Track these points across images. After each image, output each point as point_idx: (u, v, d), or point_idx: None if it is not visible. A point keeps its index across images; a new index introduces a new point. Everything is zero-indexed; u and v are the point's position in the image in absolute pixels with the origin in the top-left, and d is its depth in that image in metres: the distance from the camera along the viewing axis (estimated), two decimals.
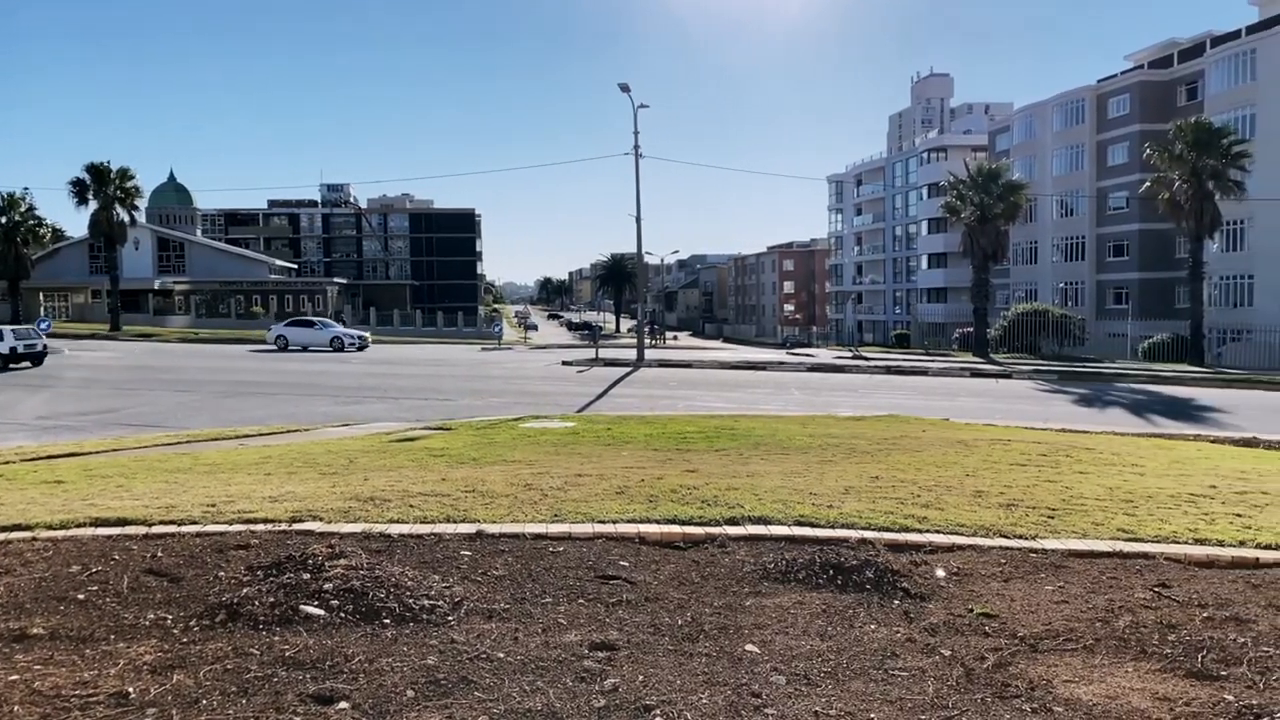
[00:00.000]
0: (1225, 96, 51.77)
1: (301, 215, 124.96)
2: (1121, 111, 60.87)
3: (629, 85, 35.01)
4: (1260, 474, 10.44)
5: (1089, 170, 63.27)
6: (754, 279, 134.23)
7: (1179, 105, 56.74)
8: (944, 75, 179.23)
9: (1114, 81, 62.33)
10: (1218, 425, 19.88)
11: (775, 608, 5.02)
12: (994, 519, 7.21)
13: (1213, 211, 42.15)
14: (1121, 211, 60.37)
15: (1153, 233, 56.78)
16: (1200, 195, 41.59)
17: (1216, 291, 51.48)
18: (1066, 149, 65.39)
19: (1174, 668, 4.35)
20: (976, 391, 28.14)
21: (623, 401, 22.21)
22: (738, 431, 13.99)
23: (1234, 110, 50.17)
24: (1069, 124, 65.00)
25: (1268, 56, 49.11)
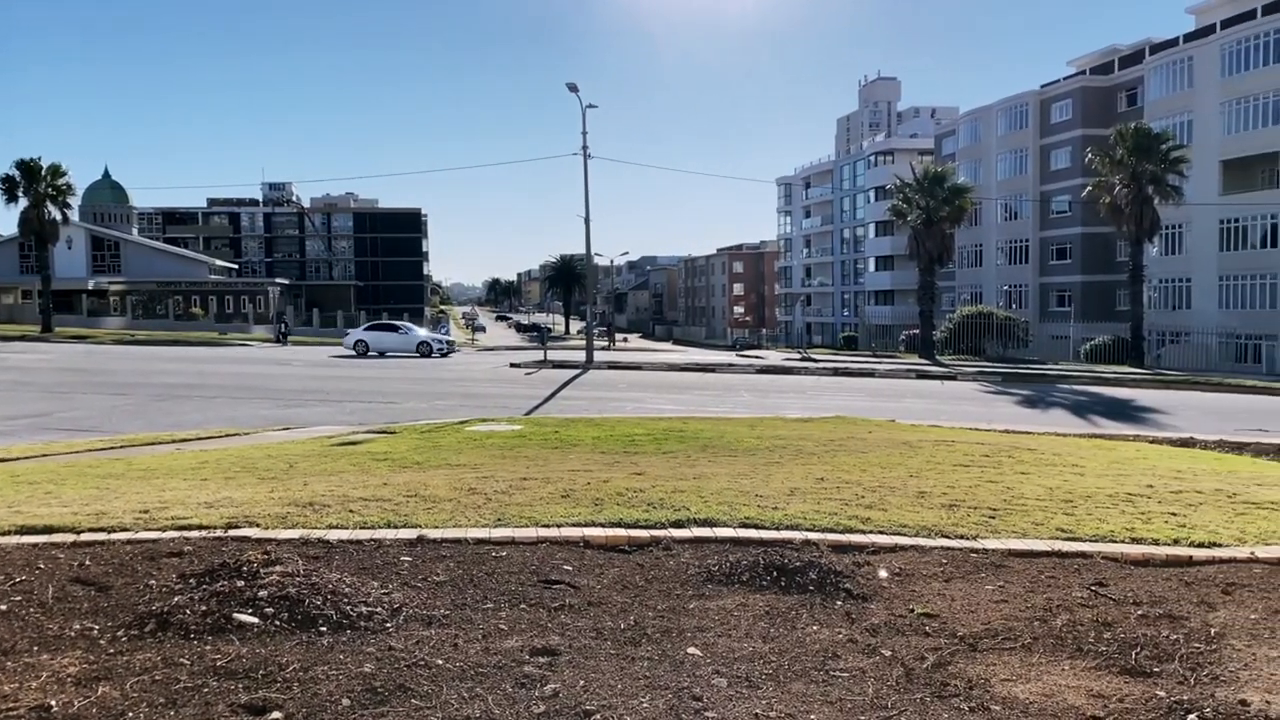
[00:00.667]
0: (1164, 103, 53.14)
1: (242, 214, 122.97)
2: (1064, 116, 62.20)
3: (577, 85, 34.95)
4: (1195, 474, 10.72)
5: (1033, 174, 64.55)
6: (704, 281, 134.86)
7: (1120, 111, 58.14)
8: (891, 79, 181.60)
9: (1057, 87, 63.68)
10: (1157, 426, 20.35)
11: (719, 610, 5.04)
12: (936, 519, 7.32)
13: (1152, 215, 43.21)
14: (1064, 215, 61.69)
15: (1095, 236, 58.09)
16: (1140, 199, 42.61)
17: (1156, 294, 52.80)
18: (1011, 153, 66.65)
19: (1109, 665, 4.45)
20: (922, 393, 28.51)
21: (571, 404, 22.15)
22: (686, 434, 14.01)
23: (1172, 116, 51.52)
24: (1013, 128, 66.27)
25: (1204, 65, 50.51)
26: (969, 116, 72.67)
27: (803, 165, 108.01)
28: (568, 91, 35.26)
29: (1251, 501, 8.61)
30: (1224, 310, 48.90)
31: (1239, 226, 48.76)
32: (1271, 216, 46.89)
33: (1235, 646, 4.76)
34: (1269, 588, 5.91)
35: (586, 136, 36.98)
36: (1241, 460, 13.07)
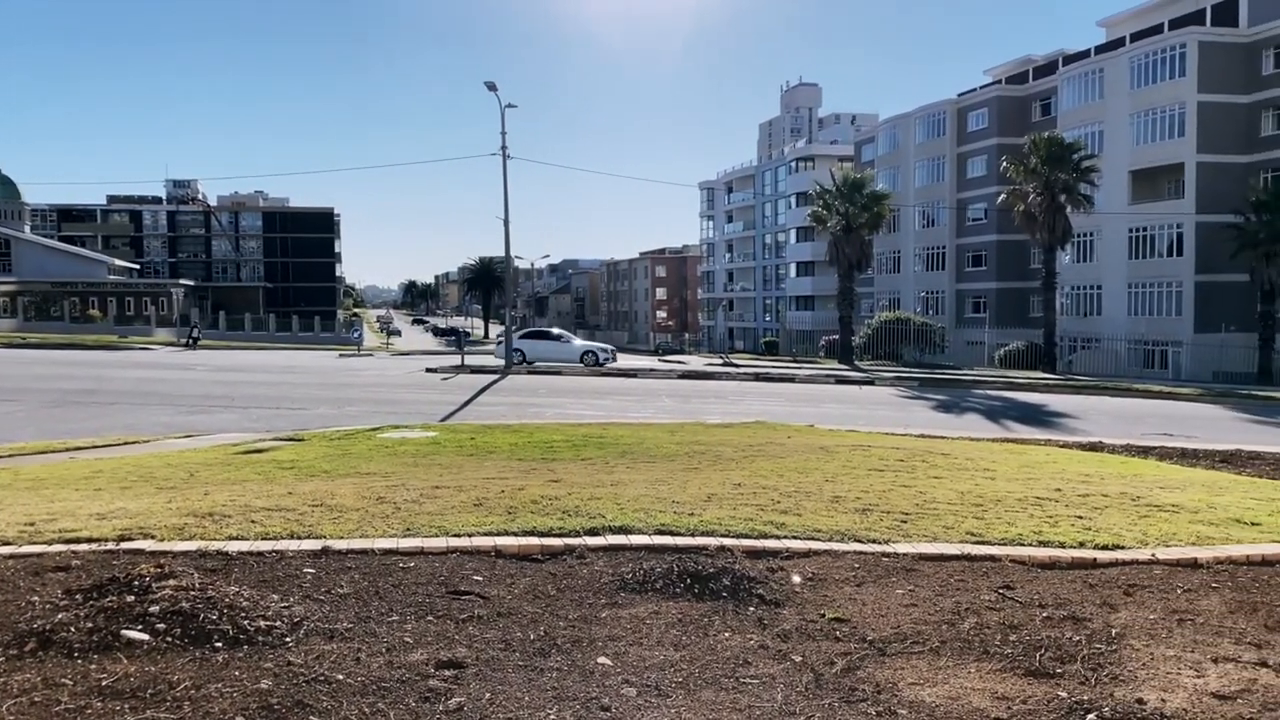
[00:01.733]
0: (1076, 113, 55.02)
1: (145, 212, 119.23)
2: (981, 125, 63.96)
3: (495, 84, 34.73)
4: (1102, 477, 11.10)
5: (950, 182, 66.21)
6: (627, 285, 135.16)
7: (1034, 120, 60.00)
8: (813, 85, 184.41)
9: (973, 96, 65.45)
10: (1067, 430, 21.02)
11: (631, 618, 5.05)
12: (850, 524, 7.44)
13: (1064, 224, 44.69)
14: (980, 223, 63.40)
15: (1009, 243, 59.80)
16: (1053, 208, 44.05)
17: (1068, 301, 54.60)
18: (928, 161, 68.28)
19: (1014, 667, 4.57)
20: (841, 398, 28.99)
21: (489, 410, 21.97)
22: (605, 440, 14.02)
23: (1084, 127, 53.36)
24: (931, 136, 67.90)
25: (1114, 77, 52.45)
26: (888, 124, 74.22)
27: (725, 169, 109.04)
28: (487, 91, 35.02)
29: (1154, 504, 8.94)
30: (1132, 317, 50.78)
31: (1147, 235, 50.72)
32: (1177, 226, 48.87)
33: (1135, 646, 4.95)
34: (1168, 588, 6.15)
35: (505, 136, 36.80)
36: (1147, 464, 13.58)
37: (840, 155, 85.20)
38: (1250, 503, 9.28)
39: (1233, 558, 6.99)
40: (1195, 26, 49.52)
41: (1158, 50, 49.86)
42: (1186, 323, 48.08)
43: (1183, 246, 48.62)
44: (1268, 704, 4.20)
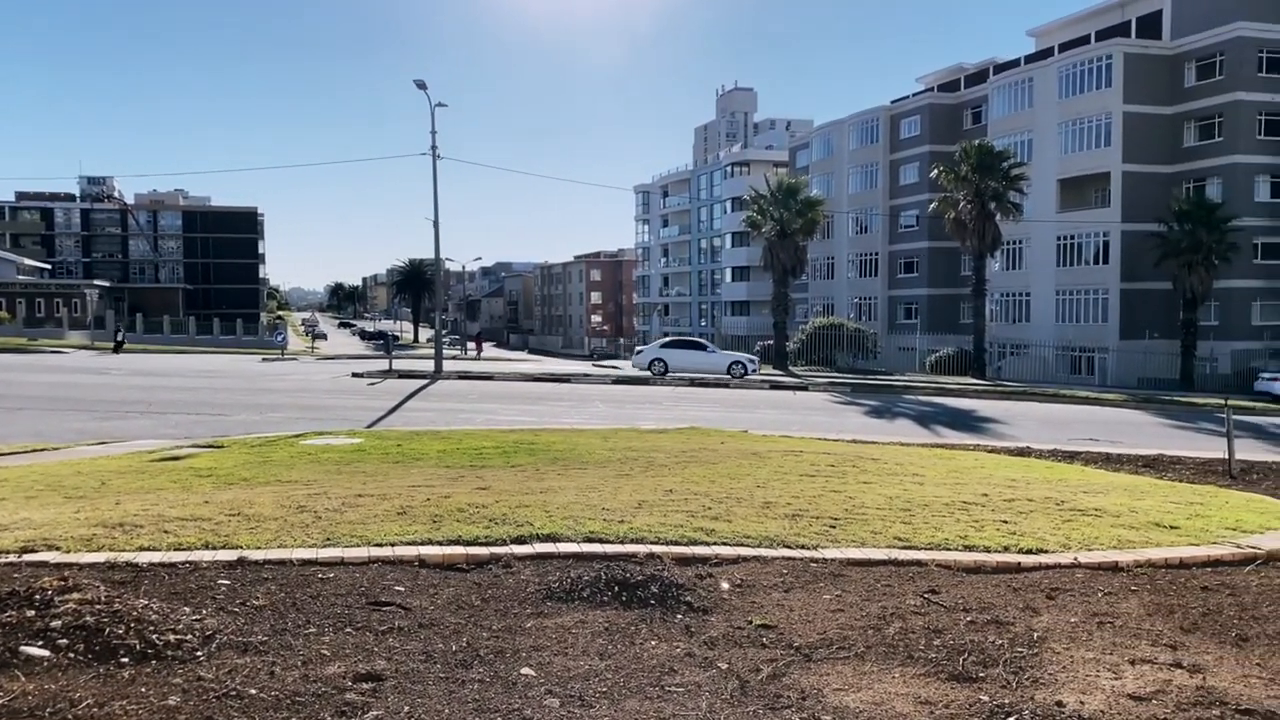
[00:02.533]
0: (1006, 121, 56.32)
1: (56, 210, 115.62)
2: (913, 132, 65.12)
3: (425, 83, 34.40)
4: (1028, 481, 11.36)
5: (883, 189, 67.29)
6: (561, 289, 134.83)
7: (966, 128, 61.27)
8: (748, 90, 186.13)
9: (906, 103, 66.62)
10: (996, 435, 21.48)
11: (556, 628, 5.03)
12: (779, 530, 7.51)
13: (994, 231, 45.69)
14: (912, 229, 64.52)
15: (941, 251, 60.94)
16: (983, 215, 45.00)
17: (997, 308, 55.82)
18: (862, 167, 69.31)
19: (937, 671, 4.65)
20: (775, 403, 29.26)
21: (417, 416, 21.73)
22: (537, 446, 13.96)
23: (1014, 135, 54.66)
24: (864, 143, 68.95)
25: (1043, 86, 53.81)
26: (822, 130, 75.17)
27: (661, 173, 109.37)
28: (417, 90, 34.69)
29: (1078, 508, 9.18)
30: (1060, 323, 52.11)
31: (1074, 243, 52.10)
32: (1103, 234, 50.28)
33: (1055, 650, 5.07)
34: (1089, 592, 6.32)
35: (436, 136, 36.50)
36: (1072, 469, 13.94)
37: (775, 160, 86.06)
38: (1170, 507, 9.58)
39: (1152, 561, 7.21)
40: (1121, 38, 51.03)
41: (1085, 61, 51.29)
42: (1112, 329, 49.48)
43: (1109, 255, 50.04)
44: (1180, 704, 4.33)
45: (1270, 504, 10.37)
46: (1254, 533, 8.37)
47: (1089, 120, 51.05)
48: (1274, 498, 11.19)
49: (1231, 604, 6.20)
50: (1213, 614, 5.94)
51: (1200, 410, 30.67)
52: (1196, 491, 11.22)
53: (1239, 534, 8.28)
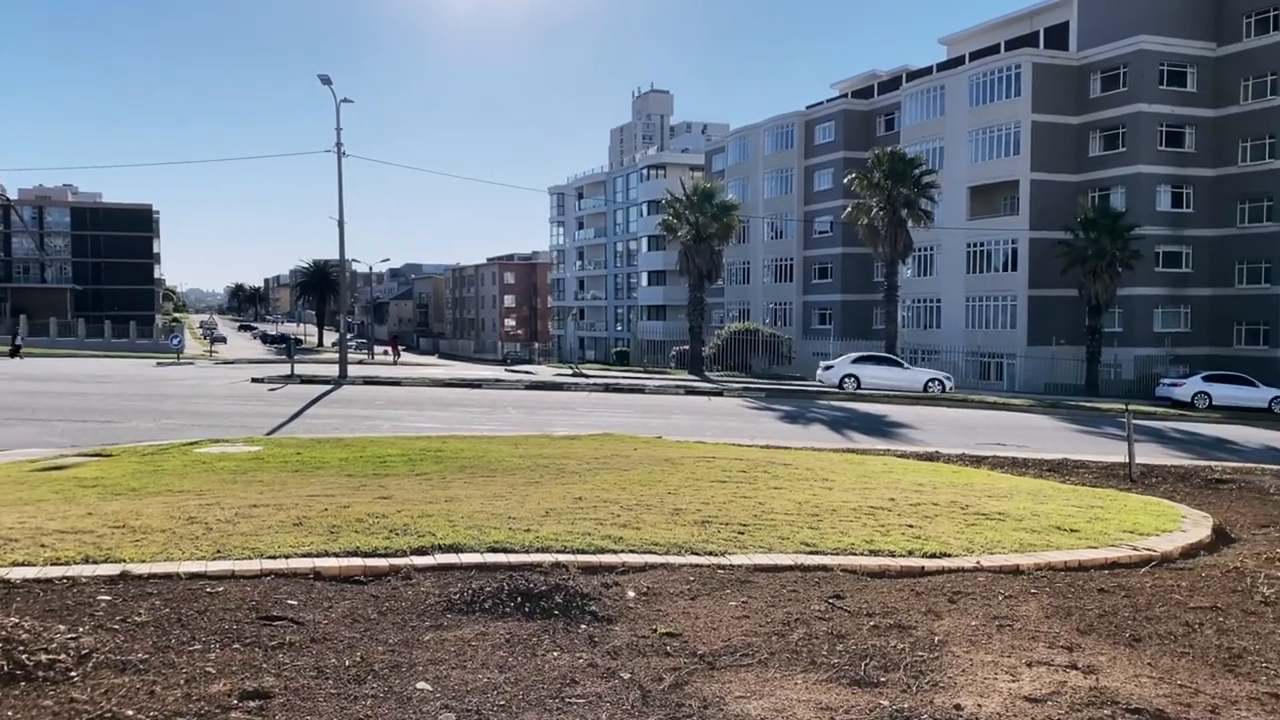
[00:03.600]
0: (918, 129, 57.72)
1: None
2: (827, 138, 66.28)
3: (330, 78, 33.79)
4: (935, 486, 11.64)
5: (798, 194, 68.33)
6: (473, 291, 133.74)
7: (879, 135, 62.61)
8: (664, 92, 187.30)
9: (821, 109, 67.78)
10: (906, 440, 21.95)
11: (455, 641, 4.98)
12: (688, 536, 7.56)
13: (906, 238, 46.73)
14: (827, 235, 65.64)
15: (854, 256, 62.13)
16: (895, 222, 45.99)
17: (909, 313, 57.14)
18: (777, 172, 70.28)
19: (839, 677, 4.73)
20: (690, 409, 29.45)
21: (320, 422, 21.32)
22: (444, 454, 13.82)
23: (925, 143, 56.05)
24: (779, 148, 69.93)
25: (954, 94, 55.31)
26: (738, 134, 76.03)
27: (576, 175, 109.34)
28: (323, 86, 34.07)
29: (982, 512, 9.44)
30: (970, 329, 53.56)
31: (984, 250, 53.62)
32: (1012, 242, 51.85)
33: (955, 653, 5.20)
34: (990, 595, 6.50)
35: (341, 133, 35.83)
36: (978, 473, 14.32)
37: (691, 164, 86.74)
38: (1071, 510, 9.91)
39: (1052, 564, 7.45)
40: (1030, 49, 52.74)
41: (995, 70, 52.86)
42: (1020, 335, 51.04)
43: (1017, 262, 51.60)
44: (1074, 705, 4.48)
45: (1167, 507, 10.79)
46: (1150, 535, 8.71)
47: (999, 129, 52.60)
48: (1171, 501, 11.65)
49: (1127, 605, 6.44)
50: (1108, 615, 6.16)
51: (1104, 415, 31.80)
52: (1097, 495, 11.63)
53: (1136, 536, 8.60)
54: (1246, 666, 5.27)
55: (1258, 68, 47.34)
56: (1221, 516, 10.60)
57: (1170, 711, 4.48)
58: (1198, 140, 49.35)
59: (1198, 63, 49.13)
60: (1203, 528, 9.28)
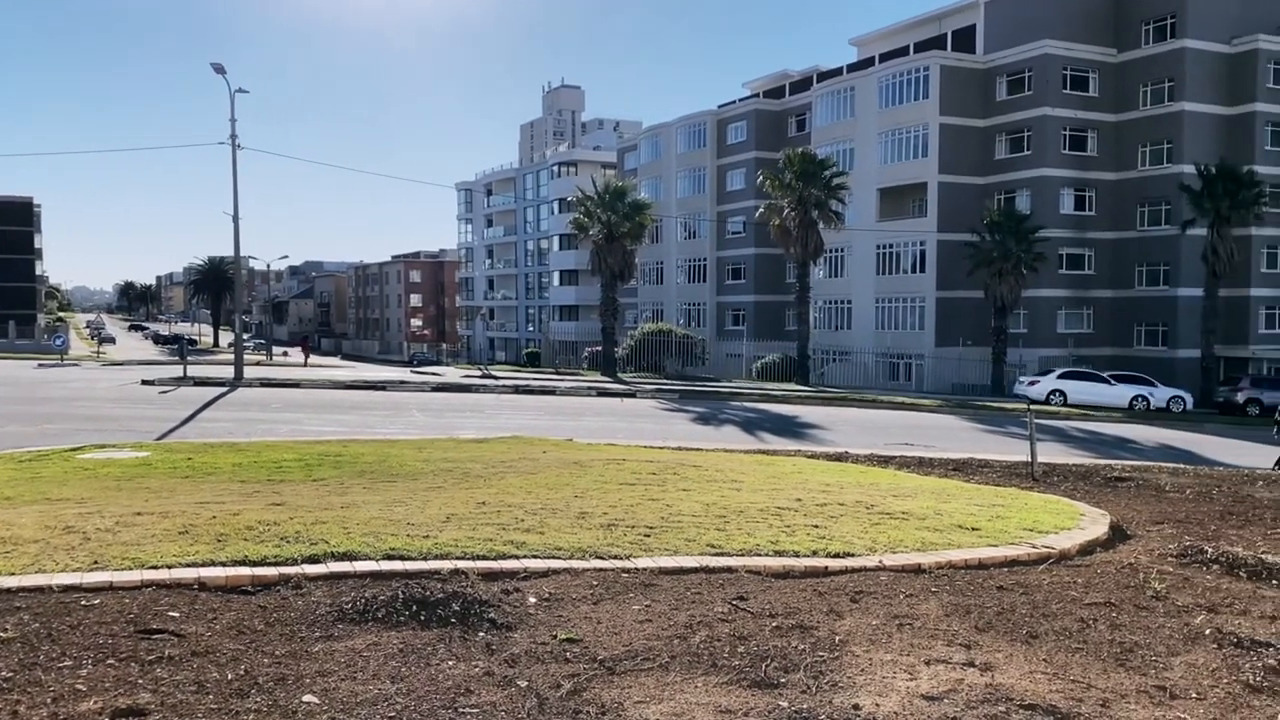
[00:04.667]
0: (829, 130, 58.69)
1: None
2: (739, 138, 66.97)
3: (224, 66, 32.91)
4: (842, 486, 11.84)
5: (710, 194, 68.90)
6: (378, 290, 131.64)
7: (791, 135, 63.49)
8: (575, 88, 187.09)
9: (733, 108, 68.46)
10: (817, 441, 22.31)
11: (346, 651, 4.89)
12: (593, 540, 7.56)
13: (817, 239, 47.49)
14: (740, 236, 66.33)
15: (767, 257, 62.92)
16: (806, 223, 46.71)
17: (821, 315, 58.07)
18: (689, 172, 70.77)
19: (740, 679, 4.78)
20: (602, 411, 29.47)
21: (214, 426, 20.76)
22: (344, 458, 13.58)
23: (836, 144, 57.01)
24: (692, 147, 70.42)
25: (864, 96, 56.38)
26: (650, 132, 76.34)
27: (485, 171, 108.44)
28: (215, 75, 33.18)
29: (886, 512, 9.63)
30: (880, 330, 54.70)
31: (894, 252, 54.81)
32: (921, 244, 53.09)
33: (855, 653, 5.29)
34: (892, 594, 6.63)
35: (235, 124, 34.94)
36: (885, 473, 14.62)
37: (603, 161, 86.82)
38: (973, 509, 10.17)
39: (953, 562, 7.64)
40: (938, 51, 54.08)
41: (904, 72, 54.06)
42: (928, 336, 52.30)
43: (926, 263, 52.87)
44: (970, 702, 4.60)
45: (1066, 505, 11.15)
46: (1049, 533, 8.99)
47: (908, 131, 53.81)
48: (1071, 499, 12.04)
49: (1024, 603, 6.63)
50: (1006, 613, 6.33)
51: (1009, 415, 32.75)
52: (999, 494, 11.97)
53: (1035, 534, 8.87)
54: (1137, 660, 5.47)
55: (1156, 74, 49.31)
56: (1119, 514, 10.99)
57: (1063, 706, 4.63)
58: (1099, 144, 51.18)
59: (1099, 68, 50.96)
60: (1100, 525, 9.61)
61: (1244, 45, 48.13)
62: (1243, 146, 47.59)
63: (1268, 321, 49.43)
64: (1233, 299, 46.95)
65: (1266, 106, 48.25)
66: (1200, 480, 15.87)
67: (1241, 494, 14.19)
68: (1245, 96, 48.31)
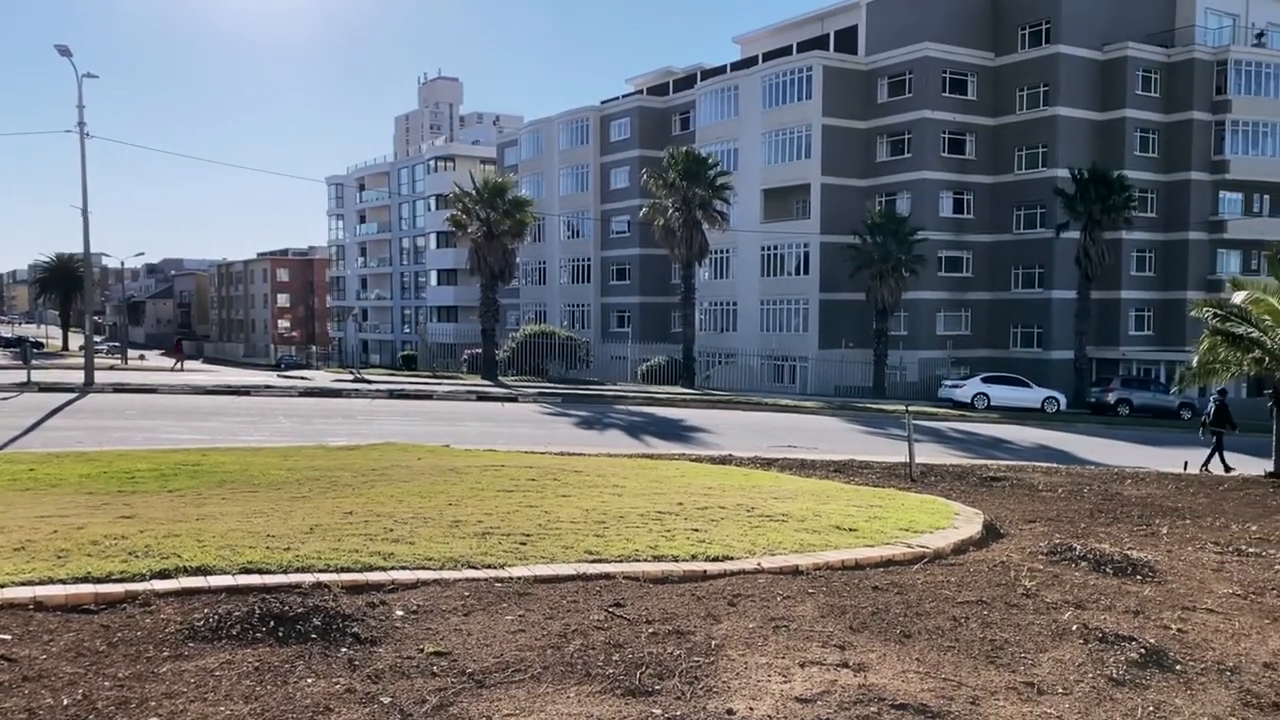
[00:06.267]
0: (713, 129, 59.37)
1: None
2: (623, 135, 67.20)
3: (69, 49, 31.43)
4: (724, 489, 12.01)
5: (594, 192, 68.96)
6: (243, 290, 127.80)
7: (675, 134, 63.99)
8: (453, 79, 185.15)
9: (616, 105, 68.66)
10: (702, 444, 22.57)
11: (197, 671, 4.73)
12: (466, 549, 7.48)
13: (701, 240, 47.98)
14: (624, 235, 66.57)
15: (652, 258, 63.29)
16: (690, 223, 47.14)
17: (706, 316, 58.72)
18: (572, 169, 70.71)
19: (614, 688, 4.79)
20: (482, 415, 29.23)
21: (61, 435, 19.85)
22: (203, 468, 13.17)
23: (721, 143, 57.70)
24: (575, 143, 70.36)
25: (748, 95, 57.23)
26: (532, 127, 75.99)
27: (358, 164, 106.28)
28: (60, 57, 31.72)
29: (767, 514, 9.81)
30: (765, 333, 55.59)
31: (778, 253, 55.78)
32: (804, 245, 54.17)
33: (731, 657, 5.37)
34: (769, 597, 6.75)
35: (83, 111, 33.42)
36: (767, 475, 14.89)
37: (483, 156, 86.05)
38: (851, 510, 10.44)
39: (830, 563, 7.82)
40: (821, 51, 55.24)
41: (787, 72, 55.06)
42: (812, 339, 53.38)
43: (809, 265, 53.94)
44: (843, 703, 4.72)
45: (942, 504, 11.55)
46: (924, 532, 9.29)
47: (791, 131, 54.83)
48: (947, 499, 12.47)
49: (899, 602, 6.83)
50: (881, 613, 6.52)
51: (890, 416, 33.70)
52: (878, 495, 12.31)
53: (911, 534, 9.15)
54: (1007, 658, 5.70)
55: (1032, 78, 51.38)
56: (993, 513, 11.44)
57: (933, 705, 4.79)
58: (978, 147, 53.05)
59: (978, 72, 52.83)
60: (974, 524, 9.98)
61: (1115, 52, 50.54)
62: (1114, 151, 49.96)
63: (1137, 323, 52.00)
64: (1104, 301, 49.26)
65: (1136, 112, 50.76)
66: (1072, 479, 16.64)
67: (1111, 492, 14.94)
68: (1116, 102, 50.72)
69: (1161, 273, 52.02)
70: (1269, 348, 16.76)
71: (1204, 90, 51.01)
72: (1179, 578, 8.27)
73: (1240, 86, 50.99)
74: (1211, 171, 51.41)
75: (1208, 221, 51.68)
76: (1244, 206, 53.31)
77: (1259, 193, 53.34)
